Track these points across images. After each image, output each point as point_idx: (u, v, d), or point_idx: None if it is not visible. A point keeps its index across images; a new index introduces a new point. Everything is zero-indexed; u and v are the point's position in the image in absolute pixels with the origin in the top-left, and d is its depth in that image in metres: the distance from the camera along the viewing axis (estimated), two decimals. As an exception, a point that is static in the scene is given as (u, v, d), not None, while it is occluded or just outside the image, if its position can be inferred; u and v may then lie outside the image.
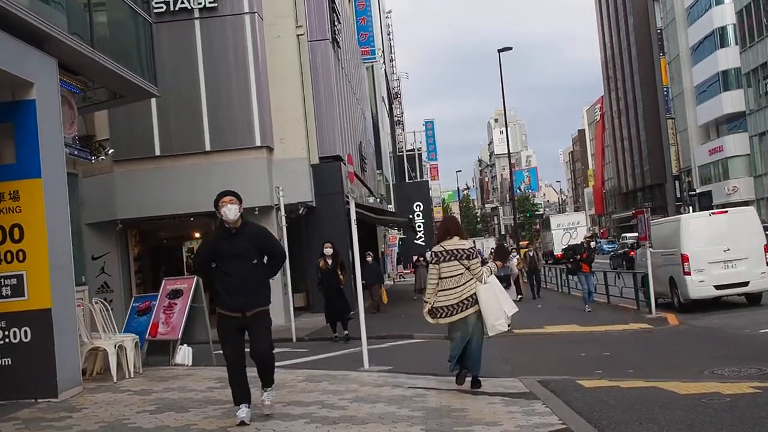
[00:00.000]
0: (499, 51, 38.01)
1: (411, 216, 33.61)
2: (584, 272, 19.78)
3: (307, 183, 21.90)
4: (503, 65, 37.95)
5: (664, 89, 79.43)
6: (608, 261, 41.88)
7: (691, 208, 65.27)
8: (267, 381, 7.20)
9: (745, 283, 17.39)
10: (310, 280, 22.55)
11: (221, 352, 7.18)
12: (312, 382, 9.24)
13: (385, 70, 65.70)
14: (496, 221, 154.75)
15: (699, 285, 17.29)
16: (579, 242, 23.75)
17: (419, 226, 63.84)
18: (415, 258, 32.35)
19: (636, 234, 63.78)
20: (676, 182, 77.85)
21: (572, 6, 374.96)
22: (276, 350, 14.46)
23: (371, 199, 34.60)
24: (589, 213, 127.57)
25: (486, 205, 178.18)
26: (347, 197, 11.64)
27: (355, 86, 33.03)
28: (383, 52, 63.62)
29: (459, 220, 10.13)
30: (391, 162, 62.63)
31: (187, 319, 11.98)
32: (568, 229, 50.68)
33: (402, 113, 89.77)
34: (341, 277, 16.66)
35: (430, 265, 8.84)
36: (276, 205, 20.83)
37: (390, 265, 48.29)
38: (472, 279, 8.47)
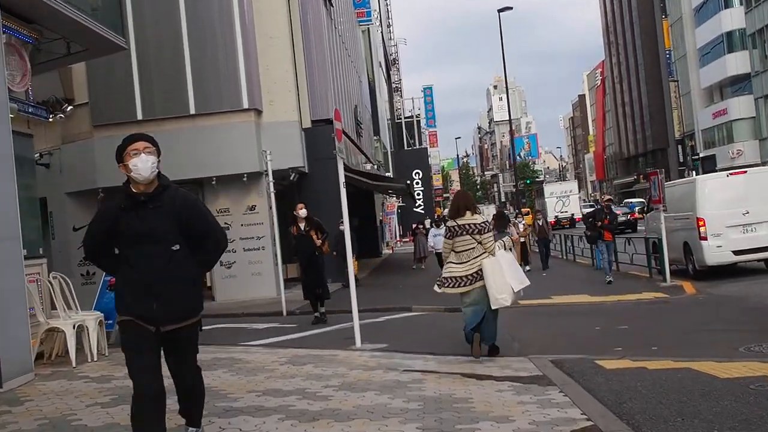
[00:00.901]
0: (499, 11, 36.65)
1: (408, 182, 32.43)
2: (606, 240, 17.65)
3: (299, 147, 20.72)
4: (503, 30, 36.58)
5: (666, 52, 77.79)
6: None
7: (694, 172, 64.02)
8: (194, 419, 5.06)
9: (766, 248, 16.30)
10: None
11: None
12: (295, 364, 8.18)
13: (382, 35, 64.14)
14: (495, 188, 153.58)
15: (716, 250, 16.21)
16: (598, 206, 20.69)
17: (418, 194, 62.86)
18: (414, 226, 31.24)
19: (639, 199, 62.42)
20: (679, 147, 76.50)
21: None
22: (264, 325, 13.60)
23: (368, 166, 33.43)
24: (590, 179, 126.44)
25: (486, 173, 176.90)
26: (335, 156, 10.47)
27: (350, 49, 31.73)
28: (380, 16, 62.08)
29: (469, 195, 9.94)
30: (389, 129, 61.39)
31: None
32: (561, 197, 51.45)
33: (400, 80, 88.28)
34: (319, 243, 13.78)
35: (445, 240, 9.09)
36: (265, 171, 19.75)
37: (388, 233, 47.28)
38: (484, 253, 8.68)
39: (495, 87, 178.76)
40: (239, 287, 19.80)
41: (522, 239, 21.17)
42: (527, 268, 20.63)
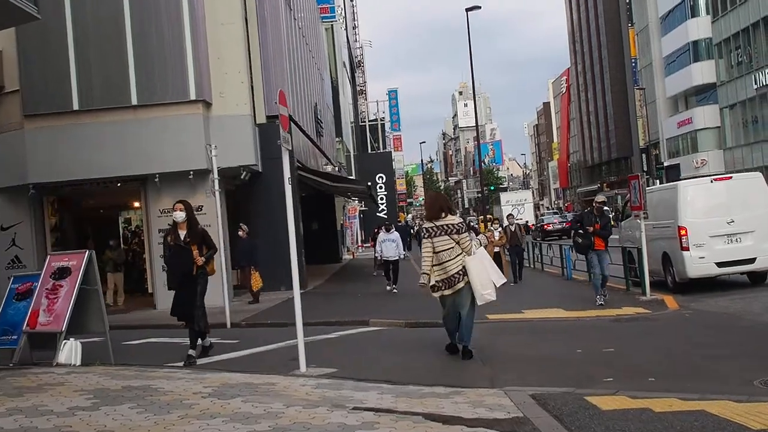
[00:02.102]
0: (467, 10, 35.40)
1: (369, 183, 31.06)
2: (597, 250, 14.37)
3: (251, 144, 19.15)
4: (471, 35, 35.24)
5: (632, 60, 77.30)
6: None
7: (658, 181, 63.63)
8: None
9: (752, 260, 15.15)
10: (261, 255, 20.03)
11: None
12: (222, 397, 6.67)
13: (347, 35, 62.81)
14: (459, 194, 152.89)
15: (699, 262, 15.01)
16: (587, 209, 17.20)
17: (381, 199, 61.59)
18: (375, 230, 29.83)
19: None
20: (643, 155, 75.98)
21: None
22: (199, 342, 12.03)
23: (329, 168, 31.96)
24: (553, 187, 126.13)
25: (450, 179, 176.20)
26: (280, 145, 9.06)
27: (311, 44, 30.24)
28: (345, 17, 60.72)
29: (445, 196, 10.65)
30: (352, 132, 60.00)
31: (77, 306, 9.32)
32: (516, 205, 54.26)
33: (365, 83, 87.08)
34: (200, 260, 9.91)
35: (424, 240, 9.24)
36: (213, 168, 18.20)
37: (350, 238, 45.84)
38: (462, 253, 9.04)
39: (460, 93, 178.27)
40: (182, 295, 18.17)
41: (496, 249, 19.11)
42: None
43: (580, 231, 14.69)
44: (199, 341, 10.23)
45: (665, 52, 67.66)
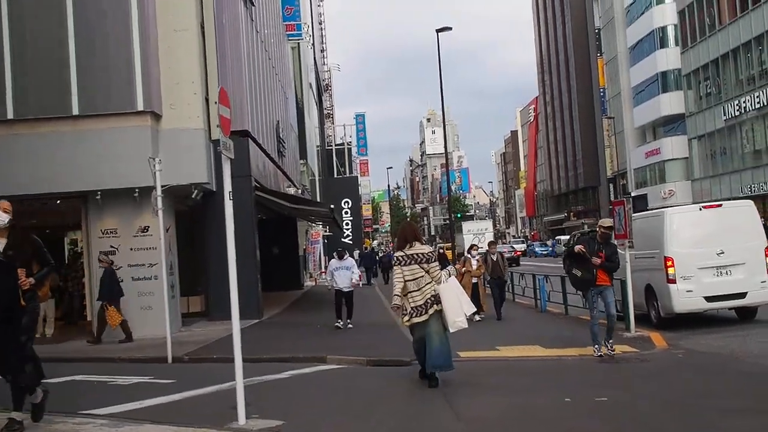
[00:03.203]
0: (438, 31, 34.32)
1: (332, 206, 29.71)
2: (601, 286, 11.28)
3: (204, 160, 17.67)
4: (440, 60, 34.22)
5: (601, 90, 77.42)
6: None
7: (626, 212, 63.13)
8: None
9: (742, 295, 14.02)
10: (213, 279, 18.60)
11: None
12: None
13: (315, 58, 61.69)
14: (426, 221, 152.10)
15: (686, 296, 13.84)
16: (588, 235, 14.61)
17: (347, 224, 60.28)
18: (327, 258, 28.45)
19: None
20: (611, 185, 75.87)
21: (508, 13, 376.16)
22: (134, 379, 10.52)
23: (291, 190, 30.56)
24: (520, 215, 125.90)
25: (416, 205, 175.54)
26: (220, 150, 7.74)
27: (275, 60, 28.94)
28: (313, 39, 59.66)
29: (415, 225, 10.68)
30: (318, 156, 58.70)
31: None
32: (477, 234, 54.45)
33: (332, 106, 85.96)
34: (26, 283, 6.87)
35: (395, 267, 9.48)
36: (163, 186, 16.72)
37: (312, 263, 44.34)
38: (431, 282, 9.24)
39: (428, 120, 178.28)
40: (125, 323, 16.63)
41: (474, 279, 17.20)
42: (480, 317, 16.55)
43: (572, 260, 11.58)
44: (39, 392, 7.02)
45: (634, 83, 67.54)
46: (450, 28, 34.18)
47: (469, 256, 17.75)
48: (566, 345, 12.18)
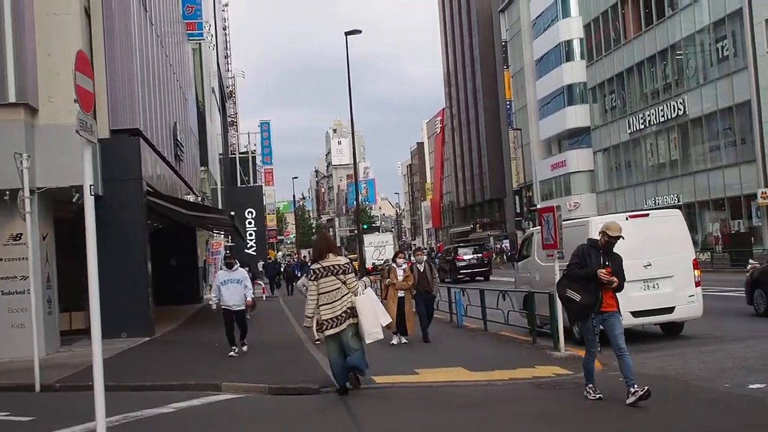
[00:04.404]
0: (347, 33, 33.17)
1: (233, 213, 27.99)
2: (606, 312, 8.82)
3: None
4: (347, 71, 32.95)
5: (507, 103, 77.84)
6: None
7: (531, 223, 63.47)
8: None
9: (670, 309, 13.22)
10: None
11: None
12: None
13: (218, 63, 59.49)
14: (331, 233, 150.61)
15: None
16: (593, 241, 9.51)
17: (250, 234, 58.25)
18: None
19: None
20: (517, 197, 76.23)
21: (414, 26, 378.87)
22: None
23: (190, 197, 28.60)
24: (426, 227, 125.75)
25: (322, 216, 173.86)
26: (78, 131, 6.21)
27: (173, 57, 27.04)
28: (216, 44, 57.49)
29: (330, 237, 11.09)
30: (221, 164, 56.47)
31: None
32: (378, 247, 57.68)
33: (236, 114, 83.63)
34: None
35: (310, 283, 9.45)
36: (39, 188, 14.81)
37: (212, 275, 42.22)
38: (348, 293, 9.28)
39: (334, 130, 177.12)
40: (-7, 343, 14.64)
41: (401, 293, 14.44)
42: (404, 339, 14.40)
43: (568, 279, 8.90)
44: None
45: (540, 95, 68.03)
46: (360, 31, 33.12)
47: (394, 265, 14.88)
48: (493, 366, 10.95)
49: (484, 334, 15.52)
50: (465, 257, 39.87)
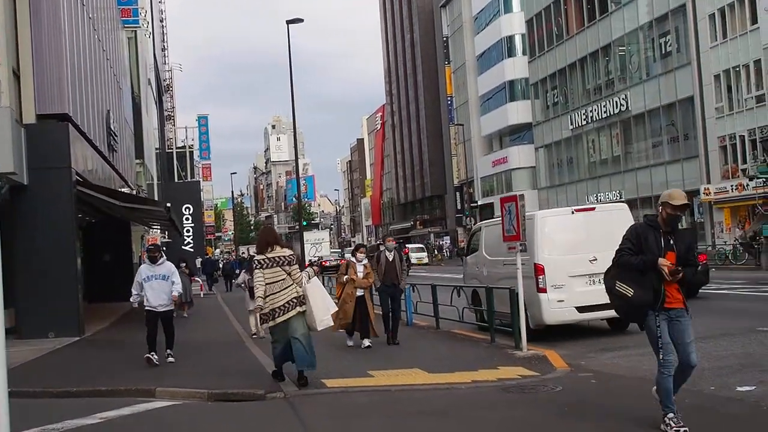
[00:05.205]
0: (288, 22, 32.13)
1: (169, 205, 26.81)
2: (672, 310, 6.54)
3: (9, 146, 14.44)
4: (289, 50, 31.89)
5: (448, 99, 77.54)
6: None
7: (472, 219, 63.32)
8: None
9: (616, 305, 12.67)
10: (23, 290, 15.57)
11: None
12: None
13: (155, 55, 57.68)
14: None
15: (557, 306, 12.51)
16: (651, 218, 6.93)
17: (188, 230, 56.67)
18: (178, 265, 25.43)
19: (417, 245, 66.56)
20: (458, 193, 76.05)
21: (354, 24, 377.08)
22: None
23: (125, 190, 27.27)
24: (365, 223, 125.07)
25: (260, 213, 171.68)
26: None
27: (106, 43, 25.67)
28: (153, 35, 55.70)
29: (274, 230, 10.99)
30: (158, 159, 54.74)
31: None
32: (315, 244, 58.43)
33: (174, 108, 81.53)
34: None
35: (256, 271, 9.47)
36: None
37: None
38: (293, 284, 9.37)
39: (273, 127, 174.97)
40: None
41: (360, 291, 12.74)
42: (367, 342, 12.67)
43: (620, 270, 6.69)
44: None
45: (481, 91, 67.92)
46: (302, 20, 32.19)
47: (353, 260, 13.14)
48: (452, 368, 10.22)
49: (437, 333, 14.83)
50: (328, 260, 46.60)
